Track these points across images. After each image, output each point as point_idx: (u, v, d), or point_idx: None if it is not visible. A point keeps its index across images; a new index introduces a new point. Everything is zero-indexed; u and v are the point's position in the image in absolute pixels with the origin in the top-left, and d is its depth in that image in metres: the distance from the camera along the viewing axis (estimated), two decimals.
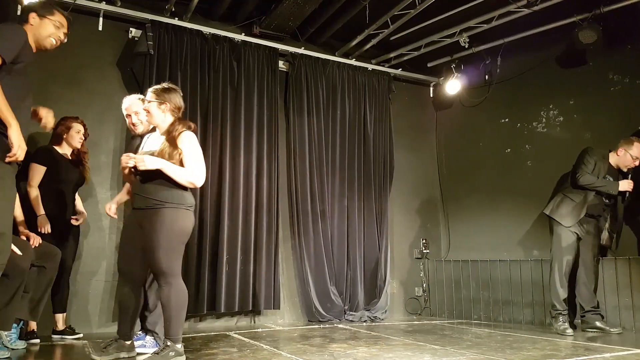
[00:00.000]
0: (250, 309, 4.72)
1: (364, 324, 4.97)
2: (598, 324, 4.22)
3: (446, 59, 5.96)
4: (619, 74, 4.75)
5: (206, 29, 4.90)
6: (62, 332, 3.79)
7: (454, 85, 5.96)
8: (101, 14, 4.55)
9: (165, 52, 4.64)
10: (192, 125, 3.00)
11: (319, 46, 5.63)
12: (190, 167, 2.84)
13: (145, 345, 3.30)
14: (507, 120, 5.68)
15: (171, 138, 2.86)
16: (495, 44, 5.55)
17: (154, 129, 3.11)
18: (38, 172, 3.66)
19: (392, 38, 5.51)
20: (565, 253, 4.27)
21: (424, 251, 6.03)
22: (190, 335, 4.00)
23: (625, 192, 4.25)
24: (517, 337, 4.00)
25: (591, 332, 4.20)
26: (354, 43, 5.46)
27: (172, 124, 2.91)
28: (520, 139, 5.50)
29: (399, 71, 6.08)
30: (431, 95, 6.49)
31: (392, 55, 5.87)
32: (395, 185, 5.87)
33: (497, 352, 3.28)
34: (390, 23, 5.05)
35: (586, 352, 3.32)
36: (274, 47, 5.23)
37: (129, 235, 2.90)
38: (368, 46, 5.51)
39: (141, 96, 3.43)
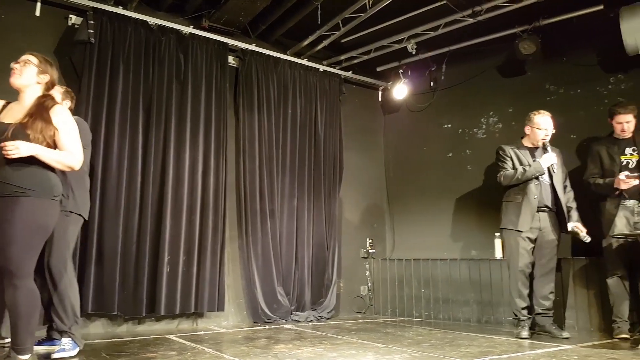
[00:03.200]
0: (193, 311, 4.58)
1: (310, 323, 4.97)
2: (548, 326, 4.07)
3: (394, 64, 6.08)
4: (555, 84, 5.01)
5: (152, 20, 4.73)
6: None
7: (401, 90, 6.09)
8: None
9: (107, 41, 4.43)
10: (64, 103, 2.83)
11: (271, 44, 5.58)
12: (69, 149, 2.57)
13: (64, 349, 3.08)
14: (449, 125, 5.86)
15: (43, 109, 2.56)
16: (441, 52, 5.71)
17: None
18: None
19: (343, 40, 5.55)
20: (519, 261, 4.09)
21: (370, 251, 6.12)
22: (127, 338, 3.85)
23: (552, 165, 4.12)
24: (456, 335, 4.14)
25: (543, 334, 4.06)
26: (305, 43, 5.45)
27: (44, 96, 2.65)
28: (462, 144, 5.70)
29: (349, 74, 6.14)
30: (379, 99, 6.60)
31: (343, 57, 5.92)
32: (344, 186, 5.92)
33: (437, 350, 3.38)
34: (341, 25, 5.08)
35: (520, 348, 3.48)
36: (224, 42, 5.13)
37: None
38: (319, 47, 5.51)
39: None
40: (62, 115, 2.61)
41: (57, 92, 3.33)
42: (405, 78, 6.05)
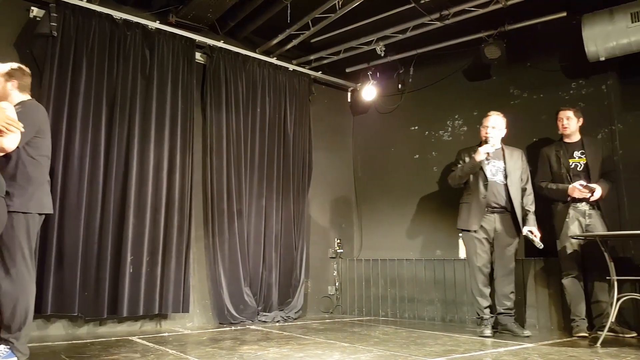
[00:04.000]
0: (156, 312, 4.49)
1: (277, 324, 4.95)
2: (509, 325, 4.13)
3: (363, 66, 6.12)
4: (519, 88, 5.13)
5: (117, 14, 4.61)
6: None
7: (370, 92, 6.13)
8: None
9: (70, 35, 4.30)
10: None
11: (240, 41, 5.52)
12: None
13: None
14: (416, 128, 5.93)
15: None
16: (409, 55, 5.79)
17: None
18: None
19: (312, 40, 5.56)
20: (477, 261, 4.17)
21: (338, 250, 6.15)
22: (88, 340, 3.75)
23: (487, 154, 4.13)
24: (420, 334, 4.19)
25: (505, 333, 4.11)
26: (275, 41, 5.42)
27: None
28: (428, 146, 5.78)
29: (319, 74, 6.14)
30: (349, 100, 6.63)
31: (312, 57, 5.92)
32: (313, 186, 5.91)
33: (403, 348, 3.41)
34: (311, 25, 5.07)
35: (483, 347, 3.55)
36: (191, 38, 5.04)
37: None
38: (289, 46, 5.49)
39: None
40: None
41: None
42: (374, 80, 6.11)
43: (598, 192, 3.98)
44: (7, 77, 3.13)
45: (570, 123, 4.20)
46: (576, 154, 4.20)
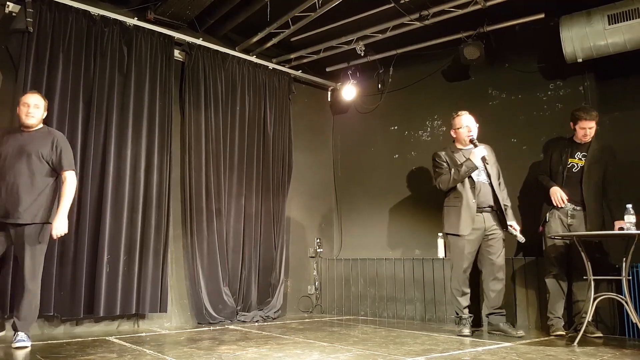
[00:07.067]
0: (134, 312, 4.44)
1: (256, 324, 4.92)
2: (501, 325, 4.08)
3: (343, 65, 6.13)
4: (497, 89, 5.18)
5: (94, 10, 4.54)
6: None
7: (350, 91, 6.15)
8: None
9: (46, 31, 4.22)
10: None
11: (219, 39, 5.48)
12: None
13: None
14: (396, 127, 5.96)
15: None
16: (389, 54, 5.82)
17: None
18: None
19: (292, 39, 5.55)
20: (464, 264, 4.11)
21: (318, 250, 6.14)
22: (64, 340, 3.70)
23: (484, 157, 4.14)
24: (400, 333, 4.21)
25: (496, 334, 4.07)
26: (254, 40, 5.40)
27: None
28: (407, 146, 5.81)
29: (299, 73, 6.13)
30: (329, 99, 6.63)
31: (292, 56, 5.91)
32: (293, 185, 5.90)
33: (382, 348, 3.42)
34: (291, 23, 5.07)
35: (461, 346, 3.57)
36: (169, 35, 4.99)
37: None
38: (269, 44, 5.48)
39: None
40: None
41: None
42: (354, 79, 6.13)
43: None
44: (44, 109, 3.72)
45: (592, 132, 4.12)
46: (578, 155, 4.16)
